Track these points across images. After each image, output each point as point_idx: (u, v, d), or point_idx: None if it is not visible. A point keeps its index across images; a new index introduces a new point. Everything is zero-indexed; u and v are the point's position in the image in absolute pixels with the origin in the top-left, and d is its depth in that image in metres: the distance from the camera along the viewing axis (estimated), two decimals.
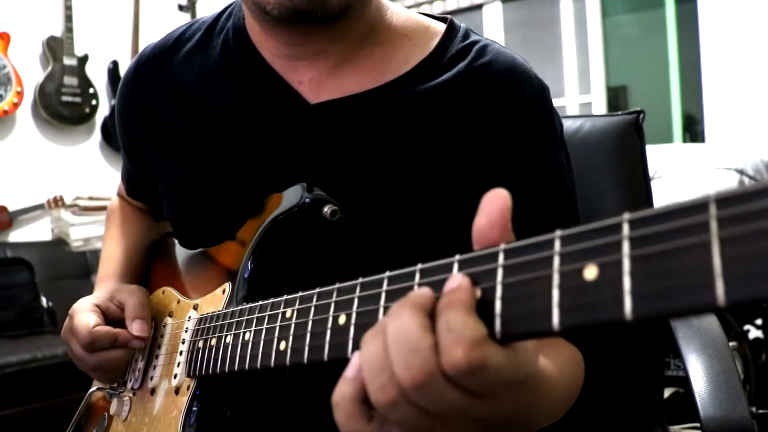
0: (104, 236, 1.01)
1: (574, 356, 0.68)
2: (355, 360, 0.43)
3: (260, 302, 0.61)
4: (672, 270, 0.30)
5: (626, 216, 0.33)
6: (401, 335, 0.39)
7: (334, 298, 0.50)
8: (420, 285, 0.43)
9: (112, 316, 0.81)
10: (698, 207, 0.30)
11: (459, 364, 0.37)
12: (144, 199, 0.97)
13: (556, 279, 0.35)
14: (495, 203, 0.41)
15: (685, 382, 0.96)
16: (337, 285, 0.50)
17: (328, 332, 0.49)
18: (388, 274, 0.46)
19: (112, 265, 0.93)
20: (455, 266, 0.42)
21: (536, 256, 0.37)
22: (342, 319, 0.48)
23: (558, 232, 0.36)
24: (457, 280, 0.40)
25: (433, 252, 0.47)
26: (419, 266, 0.44)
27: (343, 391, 0.43)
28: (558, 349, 0.64)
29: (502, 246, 0.39)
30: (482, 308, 0.39)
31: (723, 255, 0.29)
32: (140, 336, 0.78)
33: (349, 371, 0.43)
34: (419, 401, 0.39)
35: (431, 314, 0.40)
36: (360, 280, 0.48)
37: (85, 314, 0.79)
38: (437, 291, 0.41)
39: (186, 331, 0.75)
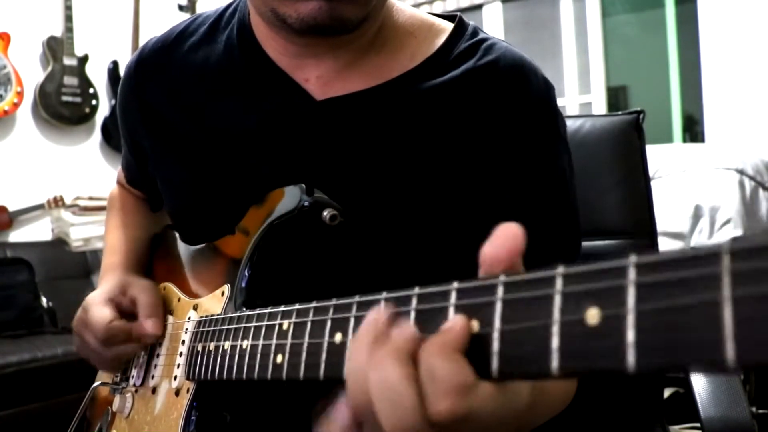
0: (106, 224, 1.01)
1: None
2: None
3: (258, 310, 0.60)
4: (679, 324, 0.28)
5: (633, 259, 0.31)
6: (384, 387, 0.38)
7: (330, 315, 0.48)
8: (417, 311, 0.42)
9: (124, 310, 0.81)
10: (710, 257, 0.28)
11: (445, 415, 0.37)
12: (143, 188, 0.97)
13: (556, 320, 0.34)
14: (504, 239, 0.40)
15: (685, 382, 0.96)
16: (334, 301, 0.49)
17: (324, 351, 0.48)
18: (385, 295, 0.45)
19: (119, 256, 0.92)
20: (453, 294, 0.40)
21: (537, 293, 0.35)
22: (338, 338, 0.47)
23: (560, 269, 0.34)
24: (453, 321, 0.39)
25: (435, 257, 0.46)
26: (416, 291, 0.43)
27: (332, 420, 0.44)
28: None
29: (502, 278, 0.37)
30: (478, 343, 0.37)
31: (735, 314, 0.26)
32: (155, 334, 0.79)
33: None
34: None
35: (414, 358, 0.39)
36: (357, 298, 0.47)
37: (100, 308, 0.80)
38: (432, 321, 0.40)
39: (185, 332, 0.75)
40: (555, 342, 0.33)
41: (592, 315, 0.32)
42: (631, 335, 0.30)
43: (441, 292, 0.41)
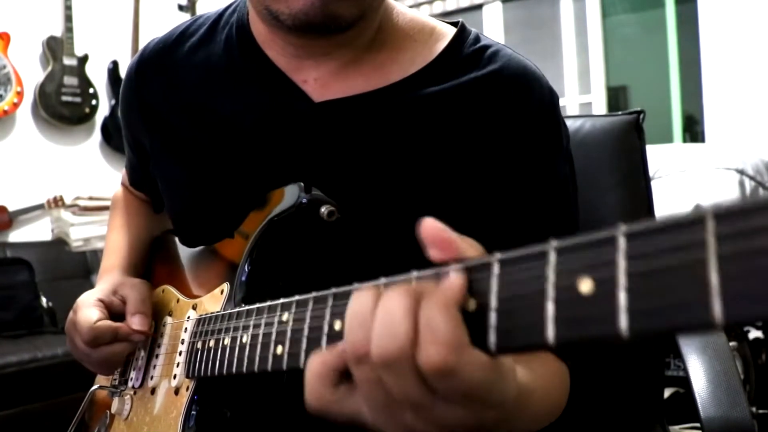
0: (108, 225, 1.01)
1: (559, 370, 0.66)
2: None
3: (257, 305, 0.60)
4: (668, 286, 0.30)
5: (622, 229, 0.32)
6: (385, 314, 0.40)
7: (330, 304, 0.49)
8: None
9: (115, 311, 0.81)
10: (695, 222, 0.29)
11: (432, 363, 0.38)
12: (145, 190, 0.98)
13: (550, 292, 0.35)
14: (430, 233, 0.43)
15: (685, 382, 0.96)
16: (333, 290, 0.50)
17: (324, 338, 0.48)
18: (383, 280, 0.46)
19: (117, 258, 0.93)
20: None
21: (531, 267, 0.36)
22: (338, 325, 0.47)
23: (553, 243, 0.35)
24: (451, 277, 0.40)
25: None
26: (414, 273, 0.44)
27: (323, 355, 0.45)
28: (542, 361, 0.63)
29: (497, 256, 0.39)
30: (476, 318, 0.38)
31: (720, 272, 0.28)
32: (140, 330, 0.78)
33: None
34: (385, 380, 0.40)
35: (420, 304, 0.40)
36: (355, 285, 0.47)
37: (88, 310, 0.79)
38: None
39: (185, 332, 0.75)
40: (550, 312, 0.34)
41: (586, 284, 0.33)
42: (623, 300, 0.31)
43: (438, 273, 0.42)
